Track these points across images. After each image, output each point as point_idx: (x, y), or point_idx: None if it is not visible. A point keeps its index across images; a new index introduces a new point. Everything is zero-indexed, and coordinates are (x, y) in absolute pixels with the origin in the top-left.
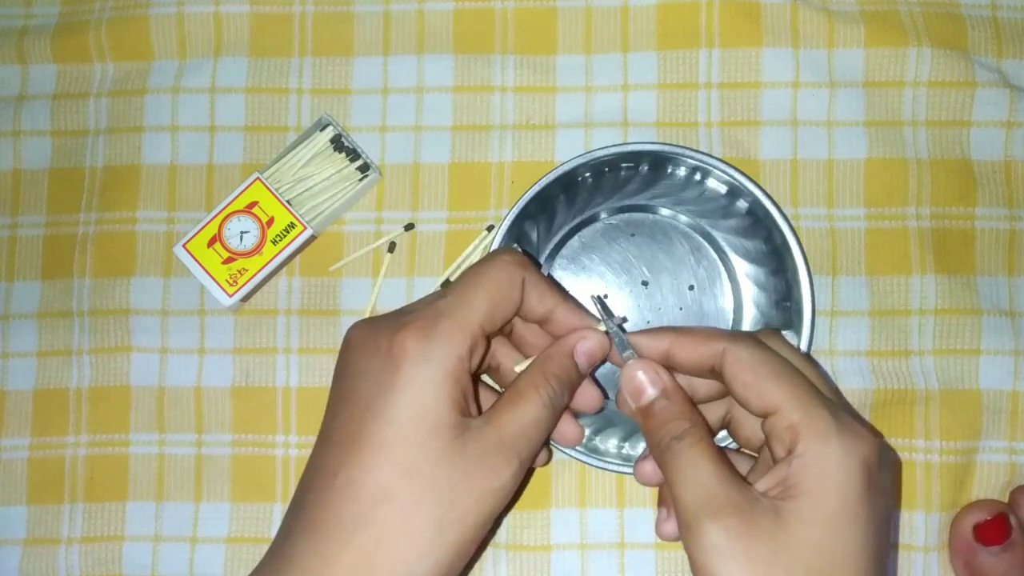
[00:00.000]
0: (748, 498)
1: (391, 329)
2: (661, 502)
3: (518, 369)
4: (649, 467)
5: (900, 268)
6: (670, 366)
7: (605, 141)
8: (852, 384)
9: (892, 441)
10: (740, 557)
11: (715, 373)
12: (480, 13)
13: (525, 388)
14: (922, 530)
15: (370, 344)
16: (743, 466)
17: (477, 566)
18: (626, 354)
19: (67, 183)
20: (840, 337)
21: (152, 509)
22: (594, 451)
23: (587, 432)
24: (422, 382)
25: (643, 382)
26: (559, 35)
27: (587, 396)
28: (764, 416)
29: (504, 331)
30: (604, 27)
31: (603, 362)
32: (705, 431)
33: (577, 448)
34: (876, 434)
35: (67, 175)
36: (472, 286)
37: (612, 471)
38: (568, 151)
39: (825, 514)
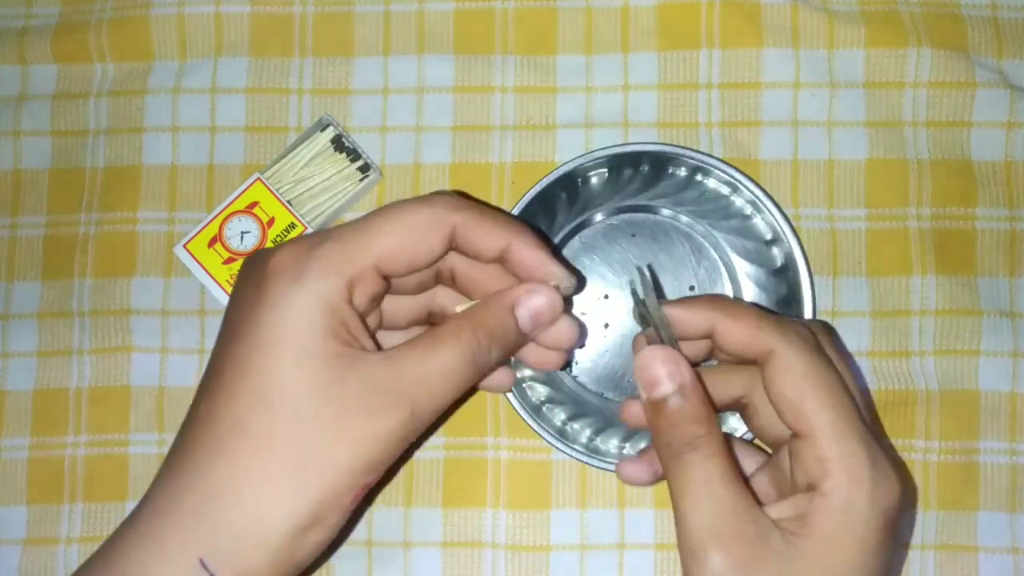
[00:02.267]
0: (760, 529)
1: (274, 250)
2: (643, 453)
3: (458, 310)
4: (633, 469)
5: (901, 269)
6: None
7: (605, 141)
8: None
9: (892, 441)
10: None
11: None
12: (480, 13)
13: (444, 333)
14: (919, 528)
15: (250, 266)
16: (748, 461)
17: (475, 566)
18: (648, 331)
19: (67, 183)
20: (841, 338)
21: None
22: (594, 451)
23: (588, 432)
24: (287, 304)
25: (659, 374)
26: (559, 35)
27: (561, 332)
28: (793, 433)
29: (443, 278)
30: (604, 27)
31: (551, 323)
32: (721, 441)
33: (577, 448)
34: (903, 477)
35: (67, 175)
36: (380, 218)
37: (612, 471)
38: (568, 151)
39: (839, 563)
